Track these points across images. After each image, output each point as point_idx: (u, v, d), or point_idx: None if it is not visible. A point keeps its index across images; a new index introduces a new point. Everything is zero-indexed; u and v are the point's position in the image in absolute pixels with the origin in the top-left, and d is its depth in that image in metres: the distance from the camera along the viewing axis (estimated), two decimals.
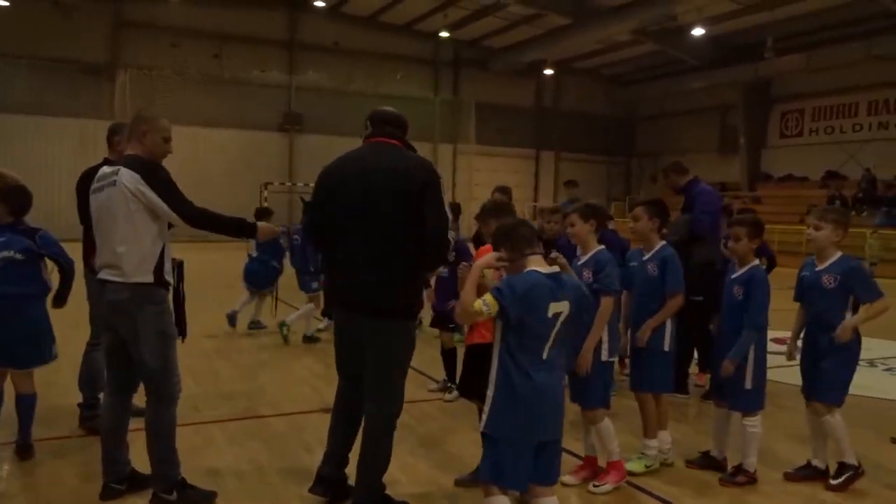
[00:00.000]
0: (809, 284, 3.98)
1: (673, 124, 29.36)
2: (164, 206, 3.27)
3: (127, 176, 3.27)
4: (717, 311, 4.20)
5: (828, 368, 3.86)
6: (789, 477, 4.01)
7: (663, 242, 4.23)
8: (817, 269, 3.95)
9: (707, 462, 4.11)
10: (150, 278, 3.32)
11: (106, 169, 3.46)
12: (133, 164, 3.32)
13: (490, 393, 2.77)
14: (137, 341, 3.33)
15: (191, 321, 3.66)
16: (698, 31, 21.53)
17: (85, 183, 3.79)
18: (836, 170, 23.47)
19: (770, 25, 20.96)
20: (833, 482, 3.86)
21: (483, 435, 2.81)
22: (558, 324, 2.76)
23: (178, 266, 3.58)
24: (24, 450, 3.97)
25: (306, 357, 7.00)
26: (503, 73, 27.95)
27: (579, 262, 3.89)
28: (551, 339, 2.76)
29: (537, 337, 2.75)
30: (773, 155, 25.91)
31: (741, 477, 3.92)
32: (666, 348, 4.03)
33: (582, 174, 29.28)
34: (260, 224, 3.66)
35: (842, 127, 23.72)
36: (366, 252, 3.19)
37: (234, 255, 10.16)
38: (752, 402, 3.90)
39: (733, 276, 4.03)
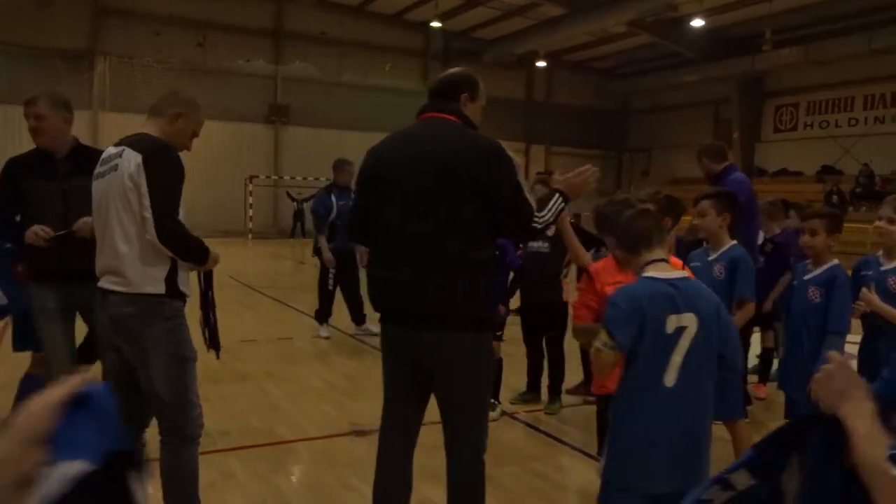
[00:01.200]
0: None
1: (665, 118, 28.99)
2: (146, 197, 2.64)
3: (130, 158, 2.69)
4: (772, 317, 3.75)
5: None
6: None
7: (733, 242, 3.73)
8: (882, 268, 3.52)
9: None
10: (160, 288, 2.75)
11: (111, 150, 2.86)
12: (140, 143, 2.72)
13: (610, 435, 2.32)
14: (146, 366, 2.77)
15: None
16: (698, 23, 21.10)
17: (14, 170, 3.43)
18: (831, 164, 23.20)
19: (768, 17, 20.59)
20: None
21: (602, 481, 2.38)
22: (683, 341, 2.23)
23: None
24: None
25: (316, 364, 6.45)
26: (494, 65, 27.37)
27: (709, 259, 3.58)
28: (677, 361, 2.23)
29: (654, 360, 2.23)
30: (767, 149, 25.62)
31: None
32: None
33: (572, 168, 28.90)
34: (212, 252, 2.99)
35: (837, 121, 23.43)
36: (424, 255, 2.57)
37: (234, 251, 9.53)
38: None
39: (808, 277, 3.57)
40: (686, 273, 2.35)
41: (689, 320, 2.23)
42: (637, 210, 2.43)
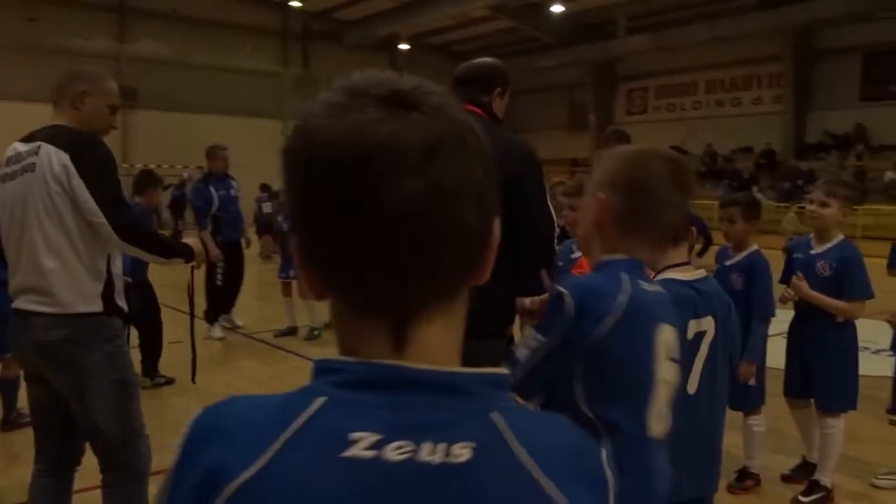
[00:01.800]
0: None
1: (523, 101, 29.54)
2: (90, 202, 2.28)
3: (51, 156, 2.28)
4: None
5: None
6: (787, 479, 3.78)
7: (754, 247, 3.70)
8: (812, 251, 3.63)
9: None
10: (97, 305, 2.38)
11: (20, 146, 2.40)
12: (59, 137, 2.33)
13: None
14: (84, 398, 2.39)
15: None
16: (557, 9, 21.74)
17: None
18: (678, 145, 24.76)
19: (621, 5, 21.57)
20: (803, 499, 3.57)
21: None
22: (703, 347, 2.14)
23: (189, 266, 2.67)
24: None
25: (220, 370, 5.94)
26: (356, 48, 26.87)
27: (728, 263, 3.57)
28: (699, 367, 2.16)
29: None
30: None
31: (749, 481, 3.67)
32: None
33: None
34: (192, 242, 2.69)
35: (682, 105, 25.11)
36: None
37: None
38: (755, 399, 3.58)
39: (729, 263, 3.63)
40: (704, 272, 2.26)
41: (708, 324, 2.14)
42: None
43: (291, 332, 7.38)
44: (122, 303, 2.48)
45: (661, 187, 1.53)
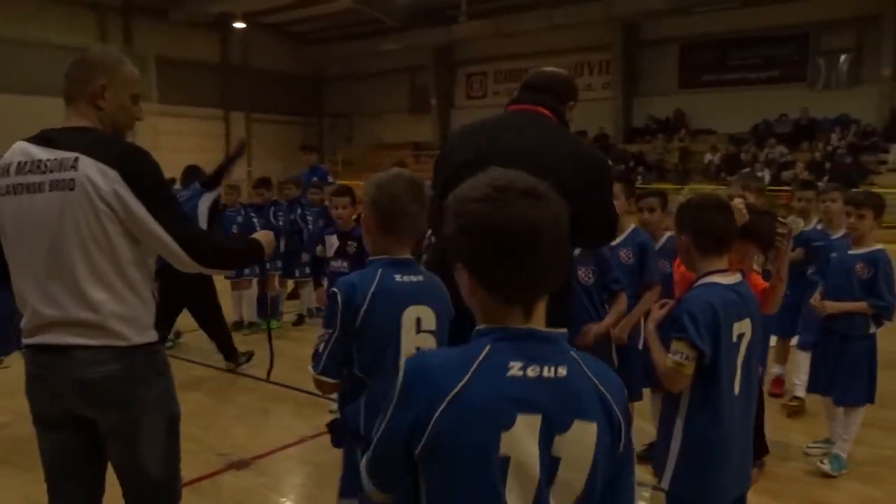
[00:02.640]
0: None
1: (364, 85, 29.38)
2: (156, 228, 2.01)
3: (95, 173, 1.97)
4: None
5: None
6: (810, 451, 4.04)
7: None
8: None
9: None
10: (152, 335, 2.13)
11: (36, 151, 2.05)
12: (99, 148, 2.01)
13: (676, 446, 2.22)
14: (135, 438, 2.11)
15: None
16: None
17: None
18: None
19: None
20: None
21: (668, 494, 2.28)
22: (742, 348, 2.23)
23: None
24: None
25: None
26: (187, 25, 25.13)
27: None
28: (739, 368, 2.23)
29: (728, 370, 2.19)
30: (461, 115, 27.38)
31: None
32: None
33: (275, 135, 28.13)
34: (261, 235, 2.39)
35: None
36: None
37: None
38: None
39: (852, 253, 3.94)
40: (741, 276, 2.33)
41: (746, 326, 2.24)
42: (726, 212, 2.30)
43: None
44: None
45: (400, 203, 2.11)
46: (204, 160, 7.76)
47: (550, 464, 1.17)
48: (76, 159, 1.97)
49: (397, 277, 2.10)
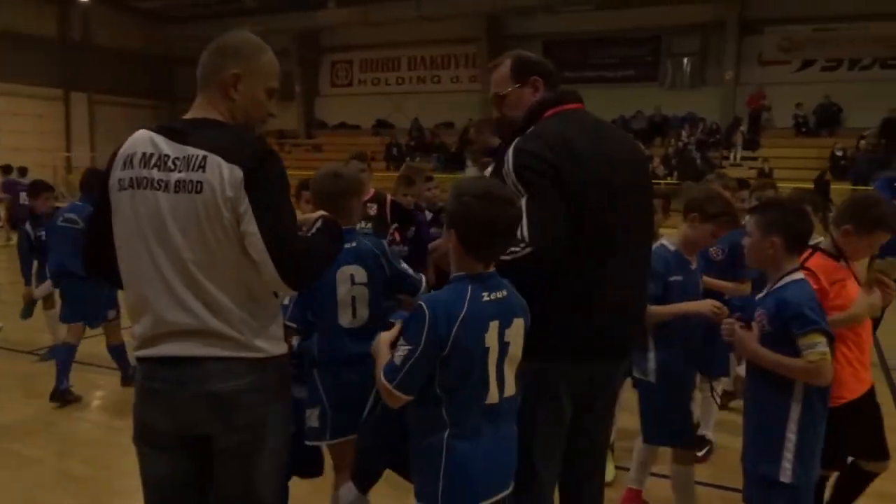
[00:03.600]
0: None
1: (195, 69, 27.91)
2: (258, 241, 1.80)
3: (223, 173, 1.79)
4: None
5: None
6: None
7: None
8: None
9: None
10: (282, 347, 2.00)
11: (163, 145, 1.86)
12: (227, 144, 1.82)
13: (793, 436, 2.32)
14: (256, 459, 1.93)
15: None
16: None
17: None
18: (384, 119, 25.57)
19: None
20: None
21: (786, 486, 2.36)
22: None
23: None
24: None
25: None
26: None
27: None
28: None
29: None
30: (326, 103, 26.90)
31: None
32: None
33: (123, 120, 26.11)
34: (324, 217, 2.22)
35: (387, 80, 25.85)
36: (628, 275, 2.28)
37: None
38: None
39: None
40: (801, 275, 2.46)
41: None
42: (806, 213, 2.46)
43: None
44: None
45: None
46: (43, 143, 6.90)
47: (504, 346, 1.96)
48: (204, 158, 1.79)
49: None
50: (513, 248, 2.04)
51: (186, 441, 1.92)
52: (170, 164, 1.82)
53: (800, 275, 2.37)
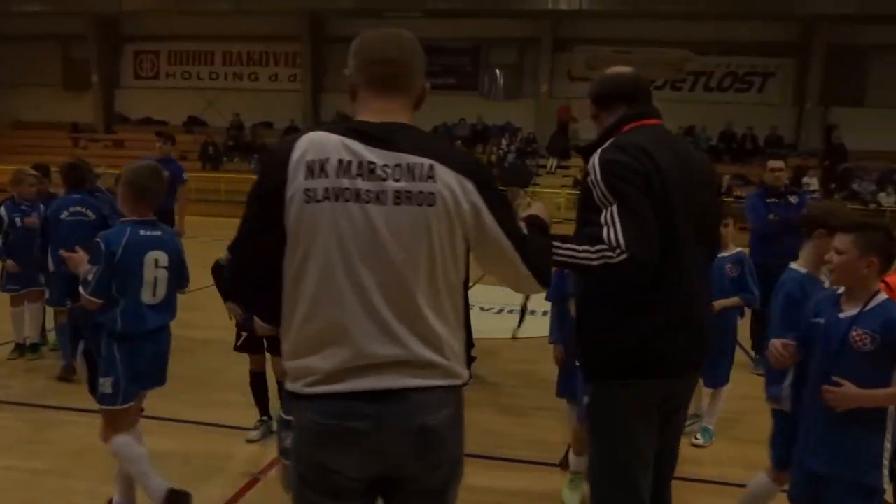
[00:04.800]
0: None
1: (6, 52, 24.57)
2: (510, 249, 1.73)
3: (453, 185, 1.66)
4: None
5: None
6: None
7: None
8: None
9: None
10: (468, 370, 1.85)
11: (361, 149, 1.66)
12: (452, 154, 1.71)
13: (889, 445, 2.53)
14: (445, 496, 1.78)
15: None
16: None
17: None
18: (197, 115, 24.04)
19: None
20: None
21: (880, 491, 2.54)
22: None
23: None
24: None
25: None
26: None
27: None
28: None
29: None
30: (128, 96, 24.67)
31: None
32: None
33: None
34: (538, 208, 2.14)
35: (199, 74, 24.29)
36: (702, 287, 2.38)
37: None
38: None
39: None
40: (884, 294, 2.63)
41: None
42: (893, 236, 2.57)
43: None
44: None
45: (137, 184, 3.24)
46: None
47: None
48: (431, 167, 1.63)
49: (141, 232, 3.21)
50: (606, 253, 2.04)
51: (374, 486, 1.71)
52: (379, 172, 1.62)
53: (884, 294, 2.53)
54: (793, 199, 6.04)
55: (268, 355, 4.14)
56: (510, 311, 7.71)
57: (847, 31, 19.68)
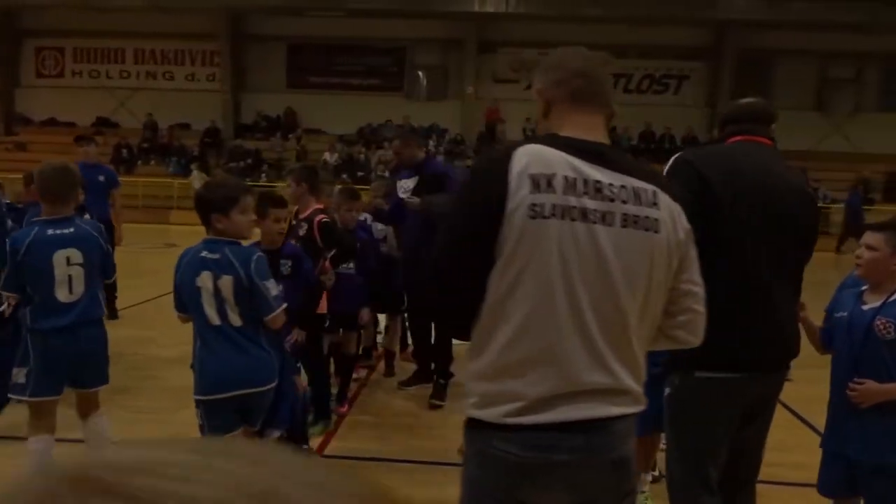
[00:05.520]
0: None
1: None
2: (696, 282, 1.73)
3: (675, 213, 1.65)
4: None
5: None
6: None
7: None
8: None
9: None
10: None
11: (586, 168, 1.58)
12: (665, 181, 1.72)
13: None
14: None
15: None
16: None
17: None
18: (107, 116, 22.85)
19: None
20: None
21: None
22: None
23: None
24: None
25: None
26: None
27: None
28: None
29: None
30: (30, 95, 23.15)
31: None
32: None
33: None
34: None
35: (108, 72, 23.05)
36: (781, 290, 2.41)
37: None
38: None
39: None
40: None
41: None
42: None
43: None
44: None
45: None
46: None
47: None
48: (654, 193, 1.60)
49: (48, 231, 3.20)
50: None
51: None
52: (606, 191, 1.56)
53: None
54: None
55: None
56: None
57: (755, 37, 20.74)
